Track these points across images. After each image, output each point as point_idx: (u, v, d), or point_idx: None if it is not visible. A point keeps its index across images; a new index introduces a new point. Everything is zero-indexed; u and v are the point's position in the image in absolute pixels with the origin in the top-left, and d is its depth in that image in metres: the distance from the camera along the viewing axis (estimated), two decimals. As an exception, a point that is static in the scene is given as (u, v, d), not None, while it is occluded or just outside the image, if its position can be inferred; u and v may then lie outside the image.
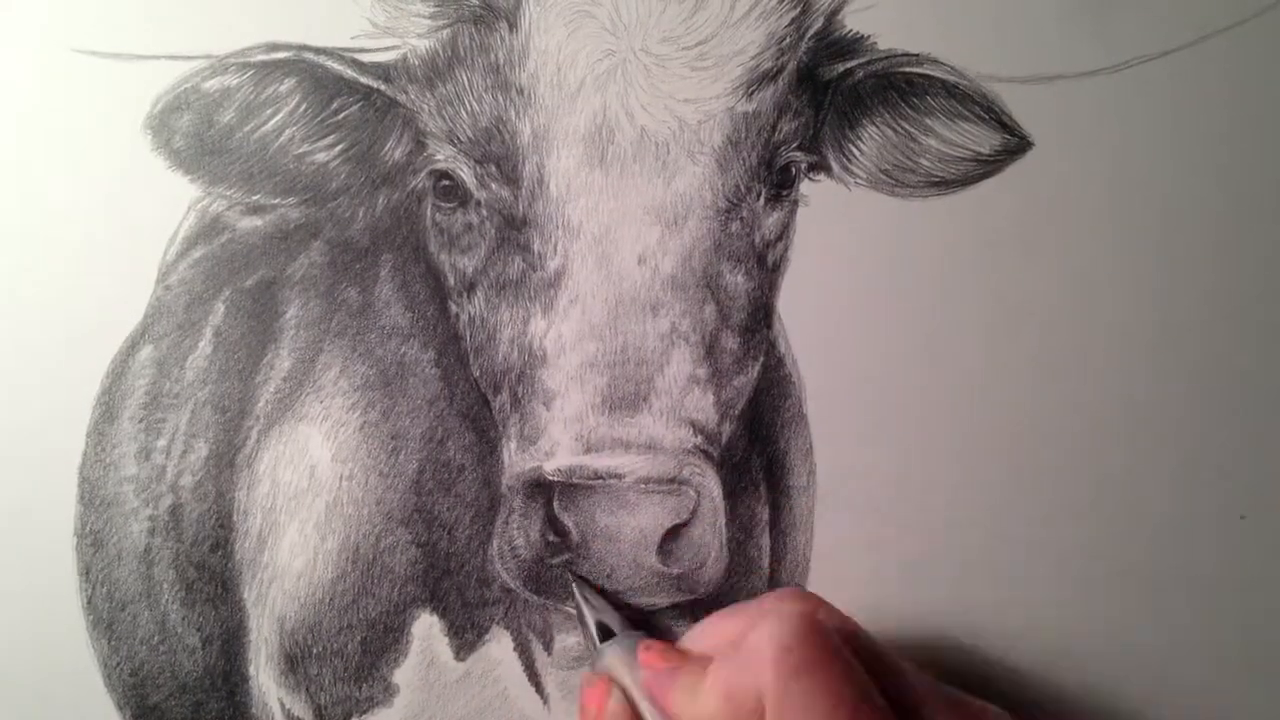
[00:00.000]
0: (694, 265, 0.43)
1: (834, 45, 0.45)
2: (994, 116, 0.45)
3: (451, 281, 0.45)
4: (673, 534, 0.42)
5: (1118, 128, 0.46)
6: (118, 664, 0.46)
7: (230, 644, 0.46)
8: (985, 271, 0.47)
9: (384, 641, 0.46)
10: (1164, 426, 0.47)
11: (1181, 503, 0.48)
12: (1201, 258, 0.47)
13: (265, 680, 0.46)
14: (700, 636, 0.42)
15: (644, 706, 0.40)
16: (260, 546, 0.46)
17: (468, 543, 0.46)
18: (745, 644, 0.38)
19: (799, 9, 0.44)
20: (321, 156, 0.45)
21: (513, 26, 0.43)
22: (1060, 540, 0.47)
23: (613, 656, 0.41)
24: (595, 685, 0.41)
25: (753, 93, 0.43)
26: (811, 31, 0.44)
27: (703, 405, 0.43)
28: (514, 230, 0.44)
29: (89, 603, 0.45)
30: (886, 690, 0.36)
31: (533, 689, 0.47)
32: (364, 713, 0.46)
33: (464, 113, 0.44)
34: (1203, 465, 0.48)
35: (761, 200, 0.44)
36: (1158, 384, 0.47)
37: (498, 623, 0.46)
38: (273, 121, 0.44)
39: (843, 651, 0.36)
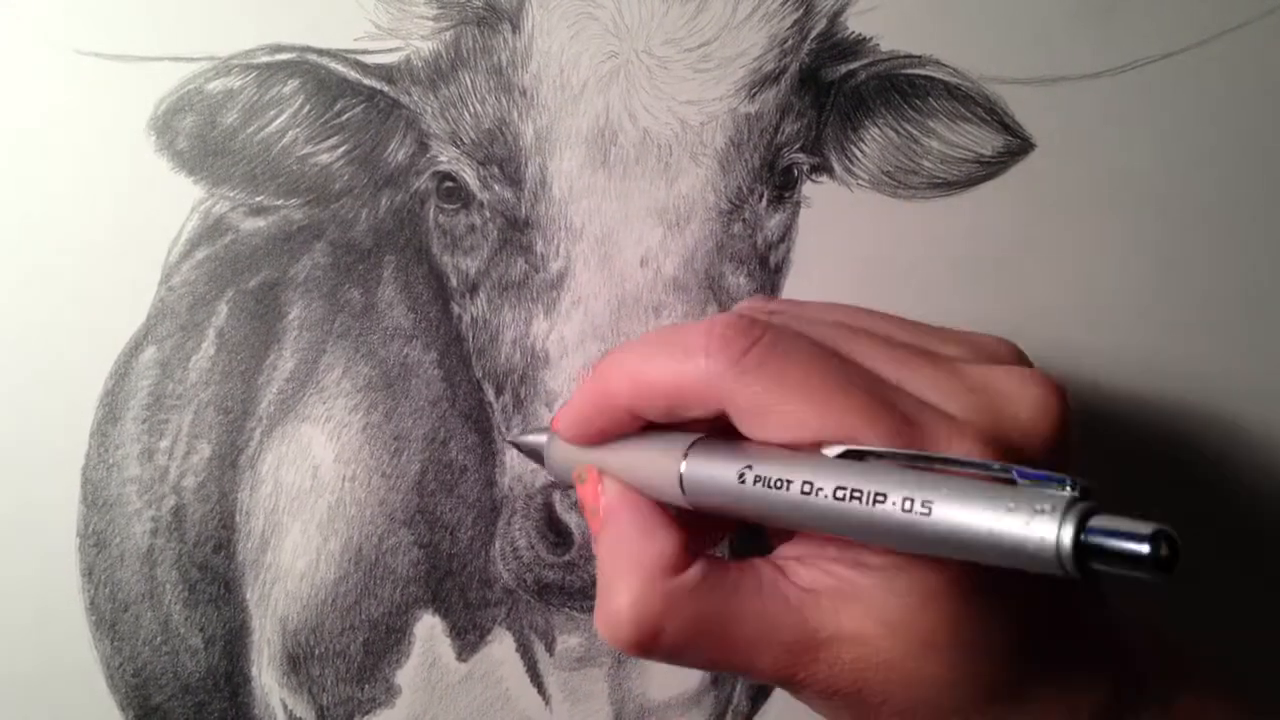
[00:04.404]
0: (696, 267, 0.43)
1: (836, 47, 0.45)
2: (996, 118, 0.45)
3: (454, 283, 0.45)
4: (675, 535, 0.42)
5: (1120, 129, 0.46)
6: (120, 665, 0.46)
7: (233, 645, 0.46)
8: (987, 272, 0.47)
9: (386, 642, 0.46)
10: (1166, 428, 0.47)
11: (1183, 503, 0.48)
12: (1203, 259, 0.47)
13: (268, 681, 0.46)
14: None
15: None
16: (263, 547, 0.46)
17: (470, 544, 0.46)
18: (688, 350, 0.31)
19: (801, 11, 0.44)
20: (325, 158, 0.45)
21: (516, 28, 0.43)
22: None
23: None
24: (585, 479, 0.34)
25: (755, 94, 0.43)
26: (814, 33, 0.44)
27: (705, 406, 0.43)
28: (517, 232, 0.44)
29: (92, 604, 0.45)
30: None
31: (535, 690, 0.47)
32: (366, 713, 0.46)
33: (467, 114, 0.44)
34: (1205, 466, 0.48)
35: (764, 202, 0.44)
36: (1160, 385, 0.47)
37: (500, 624, 0.46)
38: (276, 123, 0.44)
39: (800, 338, 0.31)
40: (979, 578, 0.29)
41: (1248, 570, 0.48)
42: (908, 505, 0.27)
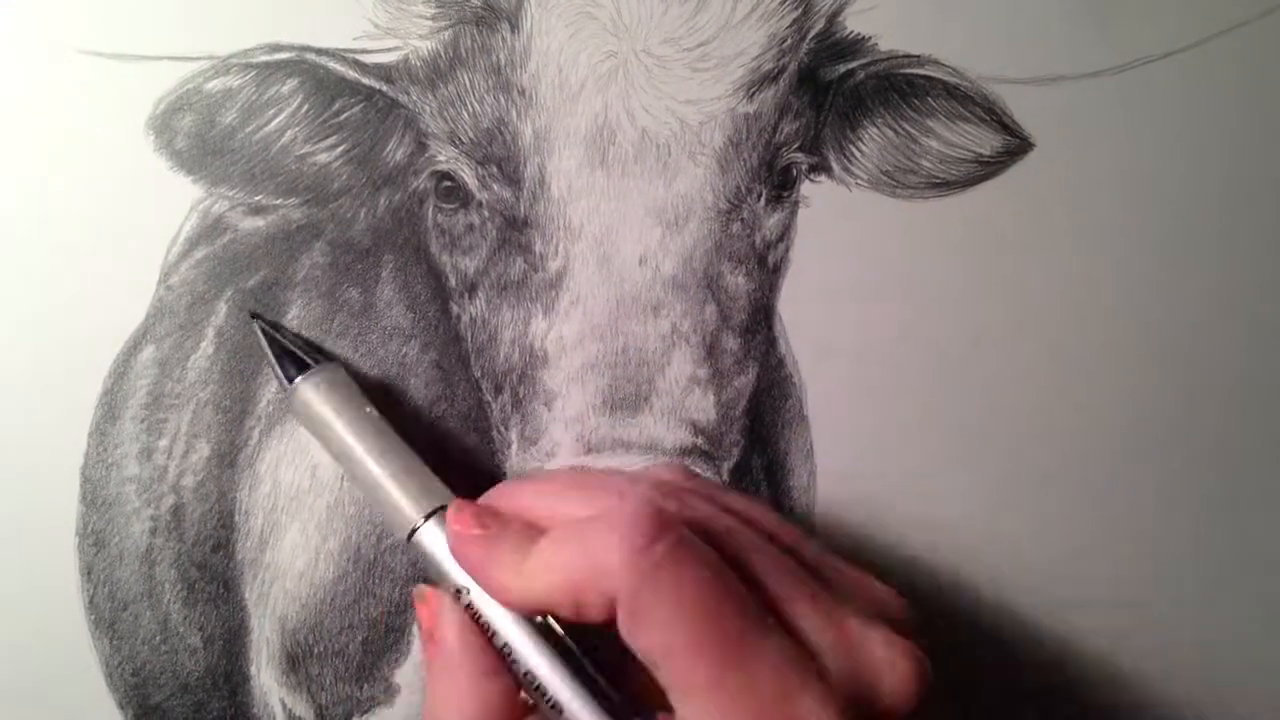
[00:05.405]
0: (695, 266, 0.43)
1: (835, 46, 0.45)
2: (995, 118, 0.45)
3: (453, 282, 0.45)
4: (673, 535, 0.42)
5: (1120, 129, 0.46)
6: (119, 664, 0.46)
7: (232, 644, 0.46)
8: (986, 272, 0.46)
9: (385, 642, 0.46)
10: (1167, 426, 0.47)
11: (1184, 501, 0.48)
12: (1205, 259, 0.47)
13: (267, 680, 0.46)
14: (517, 496, 0.38)
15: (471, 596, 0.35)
16: (262, 546, 0.46)
17: (469, 543, 0.46)
18: (590, 533, 0.33)
19: (800, 10, 0.44)
20: (323, 157, 0.45)
21: (514, 28, 0.43)
22: (1062, 540, 0.47)
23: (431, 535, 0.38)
24: (426, 600, 0.37)
25: (754, 94, 0.43)
26: (813, 33, 0.44)
27: (703, 406, 0.43)
28: (515, 231, 0.44)
29: (91, 603, 0.46)
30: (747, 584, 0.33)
31: (533, 690, 0.47)
32: (365, 713, 0.46)
33: (465, 114, 0.44)
34: (1205, 465, 0.48)
35: (762, 201, 0.44)
36: (1160, 384, 0.47)
37: (499, 623, 0.46)
38: (275, 122, 0.44)
39: (702, 551, 0.33)
40: None
41: (1246, 569, 0.48)
42: None
